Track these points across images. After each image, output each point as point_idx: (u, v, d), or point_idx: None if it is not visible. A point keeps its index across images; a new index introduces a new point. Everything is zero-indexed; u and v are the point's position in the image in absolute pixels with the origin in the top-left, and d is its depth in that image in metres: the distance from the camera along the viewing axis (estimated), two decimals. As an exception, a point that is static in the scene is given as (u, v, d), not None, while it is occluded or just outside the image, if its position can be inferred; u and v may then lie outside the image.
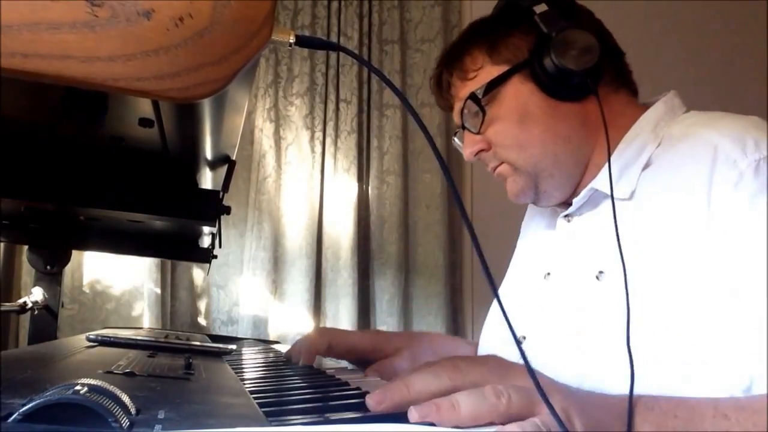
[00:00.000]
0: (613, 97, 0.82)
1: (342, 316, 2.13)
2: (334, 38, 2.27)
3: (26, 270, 1.77)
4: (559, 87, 0.80)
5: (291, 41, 0.45)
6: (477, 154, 0.87)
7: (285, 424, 0.43)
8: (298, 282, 2.14)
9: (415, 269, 2.25)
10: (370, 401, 0.49)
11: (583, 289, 0.77)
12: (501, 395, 0.46)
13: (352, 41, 2.28)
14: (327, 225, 2.20)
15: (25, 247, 1.18)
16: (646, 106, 0.83)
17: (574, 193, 0.85)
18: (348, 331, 1.06)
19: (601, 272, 0.75)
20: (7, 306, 1.09)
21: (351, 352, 0.93)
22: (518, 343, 0.45)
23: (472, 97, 0.82)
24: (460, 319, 2.27)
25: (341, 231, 2.19)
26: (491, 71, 0.83)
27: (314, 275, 2.15)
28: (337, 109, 2.26)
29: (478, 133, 0.84)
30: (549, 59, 0.78)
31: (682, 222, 0.67)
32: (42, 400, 0.33)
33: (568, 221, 0.87)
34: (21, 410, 0.33)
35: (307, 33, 2.20)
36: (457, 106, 0.88)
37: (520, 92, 0.82)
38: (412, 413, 0.45)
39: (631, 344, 0.63)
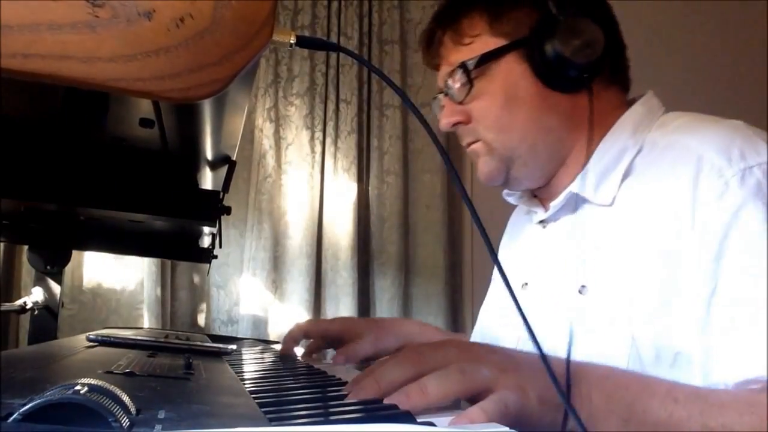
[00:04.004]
0: (604, 93, 0.79)
1: (342, 315, 2.13)
2: (334, 38, 2.27)
3: (26, 270, 1.77)
4: (554, 75, 0.76)
5: (291, 42, 0.45)
6: (454, 125, 0.83)
7: (285, 424, 0.43)
8: (298, 282, 2.14)
9: (415, 269, 2.25)
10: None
11: (565, 303, 0.76)
12: (464, 372, 0.51)
13: (352, 41, 2.28)
14: (327, 225, 2.20)
15: (25, 247, 1.18)
16: (631, 103, 0.81)
17: (547, 188, 0.84)
18: (322, 320, 1.15)
19: (583, 286, 0.73)
20: (7, 306, 1.09)
21: (325, 336, 1.03)
22: (530, 327, 0.46)
23: (463, 67, 0.78)
24: (460, 319, 2.27)
25: (341, 231, 2.19)
26: (488, 42, 0.79)
27: (314, 275, 2.15)
28: (337, 109, 2.26)
29: (461, 103, 0.81)
30: (550, 44, 0.73)
31: (667, 234, 0.66)
32: (42, 400, 0.33)
33: (543, 227, 0.85)
34: (21, 410, 0.33)
35: (307, 33, 2.20)
36: (444, 69, 0.83)
37: (512, 72, 0.78)
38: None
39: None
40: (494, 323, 0.95)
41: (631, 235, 0.70)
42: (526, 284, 0.86)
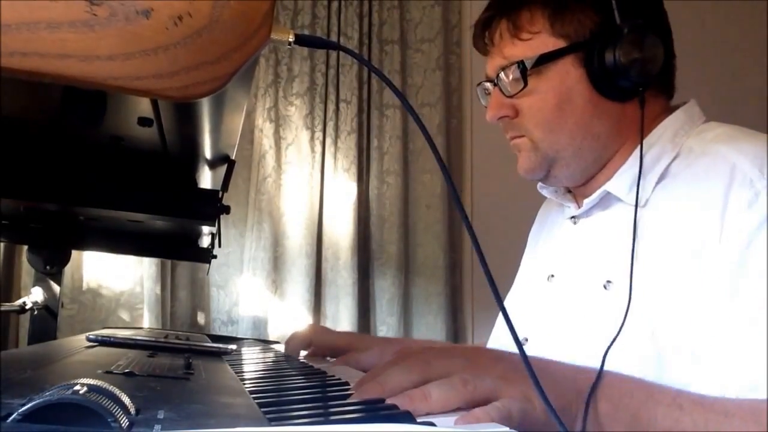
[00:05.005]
0: (652, 102, 0.79)
1: (342, 316, 2.13)
2: (334, 38, 2.27)
3: (26, 270, 1.76)
4: (610, 85, 0.76)
5: (290, 40, 0.45)
6: (500, 118, 0.82)
7: (285, 424, 0.43)
8: (298, 282, 2.13)
9: (415, 269, 2.25)
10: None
11: (589, 296, 0.76)
12: (467, 384, 0.51)
13: (352, 41, 2.28)
14: (327, 225, 2.20)
15: (25, 247, 1.18)
16: (673, 110, 0.81)
17: (584, 187, 0.85)
18: (331, 331, 1.13)
19: (609, 281, 0.74)
20: (7, 306, 1.09)
21: (330, 349, 1.01)
22: (519, 344, 0.46)
23: (520, 64, 0.77)
24: (460, 319, 2.27)
25: (341, 231, 2.19)
26: (547, 42, 0.78)
27: (314, 275, 2.15)
28: (337, 109, 2.26)
29: (510, 96, 0.80)
30: (611, 54, 0.74)
31: (695, 238, 0.67)
32: (41, 400, 0.33)
33: (574, 223, 0.86)
34: (20, 410, 0.33)
35: (307, 33, 2.19)
36: (497, 60, 0.82)
37: (568, 75, 0.77)
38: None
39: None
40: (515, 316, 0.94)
41: (660, 236, 0.71)
42: (552, 276, 0.86)
